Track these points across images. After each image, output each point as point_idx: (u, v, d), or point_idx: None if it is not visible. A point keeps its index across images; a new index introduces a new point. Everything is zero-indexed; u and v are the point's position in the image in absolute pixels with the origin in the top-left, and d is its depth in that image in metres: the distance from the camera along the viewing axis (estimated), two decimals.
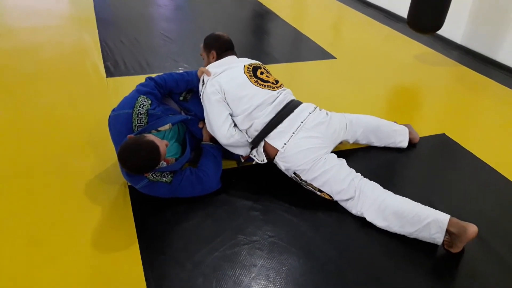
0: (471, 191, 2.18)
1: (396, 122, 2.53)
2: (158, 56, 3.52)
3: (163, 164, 1.84)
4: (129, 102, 1.94)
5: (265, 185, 2.08)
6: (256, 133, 1.99)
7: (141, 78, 2.96)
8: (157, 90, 2.04)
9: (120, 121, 1.90)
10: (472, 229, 1.69)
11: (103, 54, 3.41)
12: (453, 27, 4.00)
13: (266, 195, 2.01)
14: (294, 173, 1.99)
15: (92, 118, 2.56)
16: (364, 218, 1.87)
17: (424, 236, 1.76)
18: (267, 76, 2.10)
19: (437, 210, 1.78)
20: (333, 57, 3.74)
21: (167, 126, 1.94)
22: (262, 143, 1.99)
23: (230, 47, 2.21)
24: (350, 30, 4.66)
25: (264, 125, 1.97)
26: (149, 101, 1.96)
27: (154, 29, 4.24)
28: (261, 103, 1.98)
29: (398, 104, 3.12)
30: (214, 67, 2.08)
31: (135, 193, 1.92)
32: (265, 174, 2.14)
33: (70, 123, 2.51)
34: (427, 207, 1.81)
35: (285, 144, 1.94)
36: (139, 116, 1.90)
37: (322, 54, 3.78)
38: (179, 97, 2.15)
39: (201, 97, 2.06)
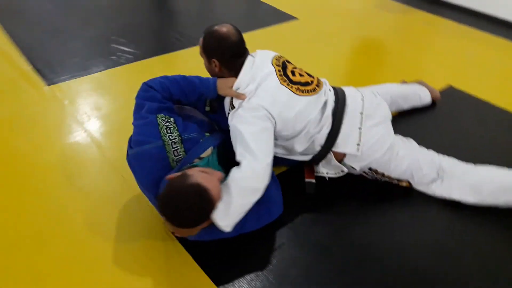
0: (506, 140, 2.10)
1: (405, 81, 2.38)
2: (94, 45, 2.79)
3: None
4: (150, 130, 1.41)
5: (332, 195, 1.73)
6: (319, 148, 1.63)
7: (92, 79, 2.41)
8: (168, 102, 1.53)
9: (150, 158, 1.38)
10: None
11: (25, 55, 2.60)
12: None
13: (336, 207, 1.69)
14: (370, 169, 1.70)
15: (58, 149, 1.90)
16: (442, 200, 1.69)
17: None
18: (300, 74, 1.64)
19: None
20: (294, 18, 3.37)
21: (209, 151, 1.47)
22: (330, 155, 1.65)
23: (240, 52, 1.59)
24: None
25: (327, 136, 1.61)
26: (172, 120, 1.45)
27: (71, 9, 3.36)
28: (315, 116, 1.59)
29: (377, 59, 2.92)
30: (244, 86, 1.55)
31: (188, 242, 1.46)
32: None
33: (31, 163, 1.83)
34: None
35: (359, 145, 1.61)
36: (174, 146, 1.40)
37: (282, 17, 3.39)
38: (203, 106, 1.65)
39: (229, 117, 1.55)
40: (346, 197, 1.73)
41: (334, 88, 1.73)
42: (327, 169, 1.71)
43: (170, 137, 1.40)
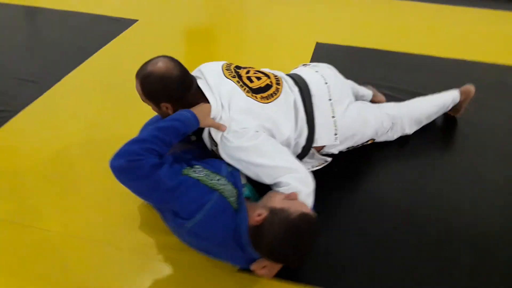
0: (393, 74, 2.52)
1: None
2: None
3: None
4: (196, 192, 1.22)
5: None
6: (301, 150, 1.60)
7: None
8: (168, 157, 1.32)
9: (217, 215, 1.22)
10: (473, 88, 2.00)
11: None
12: None
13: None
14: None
15: None
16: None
17: (441, 113, 2.02)
18: (257, 78, 1.53)
19: (447, 92, 2.01)
20: (134, 21, 3.09)
21: (243, 177, 1.40)
22: (312, 151, 1.63)
23: (189, 82, 1.41)
24: None
25: (307, 136, 1.58)
26: (200, 166, 1.31)
27: None
28: (291, 121, 1.52)
29: (235, 40, 3.01)
30: (218, 116, 1.41)
31: None
32: None
33: None
34: (440, 94, 2.00)
35: (336, 134, 1.63)
36: (227, 188, 1.27)
37: (120, 24, 3.04)
38: (187, 138, 1.46)
39: (223, 155, 1.41)
40: (329, 175, 1.72)
41: (292, 77, 1.66)
42: (311, 163, 1.68)
43: (218, 182, 1.25)
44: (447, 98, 2.00)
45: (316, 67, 1.79)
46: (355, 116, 1.68)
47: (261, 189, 1.43)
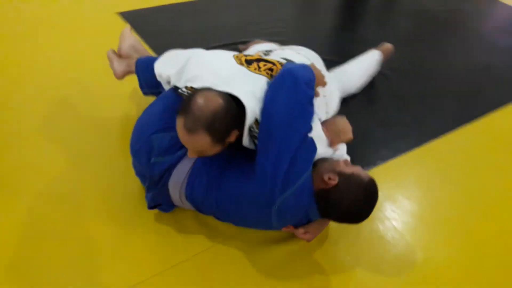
0: None
1: None
2: None
3: None
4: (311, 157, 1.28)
5: None
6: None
7: None
8: None
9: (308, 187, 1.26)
10: (390, 45, 2.21)
11: None
12: None
13: None
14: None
15: None
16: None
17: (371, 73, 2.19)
18: (267, 67, 1.46)
19: (370, 53, 2.18)
20: None
21: None
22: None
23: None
24: None
25: None
26: None
27: None
28: None
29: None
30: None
31: None
32: None
33: None
34: (365, 56, 2.15)
35: (327, 112, 1.70)
36: None
37: None
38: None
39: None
40: None
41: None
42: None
43: None
44: (370, 58, 2.15)
45: (296, 49, 1.79)
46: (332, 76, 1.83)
47: None
